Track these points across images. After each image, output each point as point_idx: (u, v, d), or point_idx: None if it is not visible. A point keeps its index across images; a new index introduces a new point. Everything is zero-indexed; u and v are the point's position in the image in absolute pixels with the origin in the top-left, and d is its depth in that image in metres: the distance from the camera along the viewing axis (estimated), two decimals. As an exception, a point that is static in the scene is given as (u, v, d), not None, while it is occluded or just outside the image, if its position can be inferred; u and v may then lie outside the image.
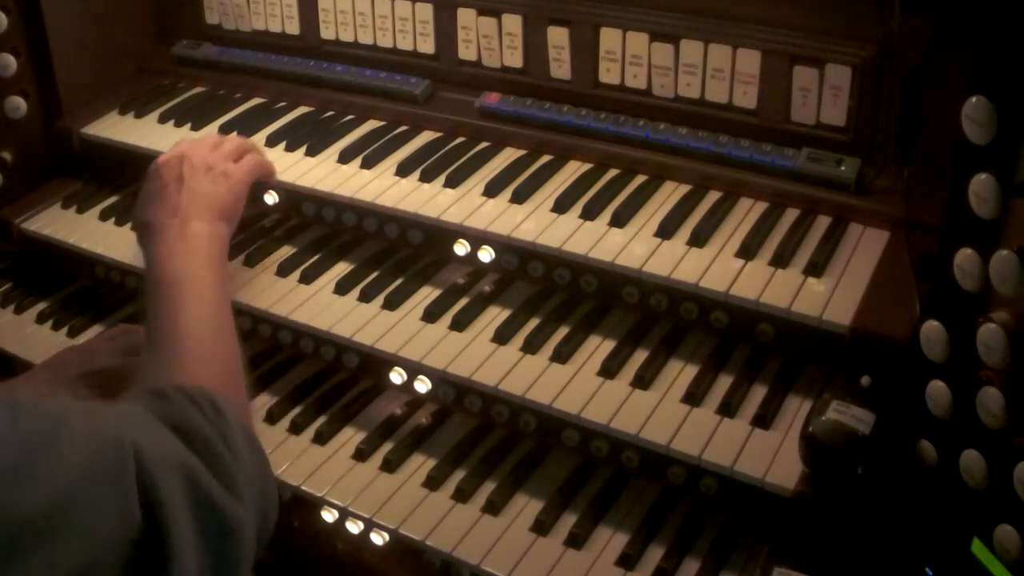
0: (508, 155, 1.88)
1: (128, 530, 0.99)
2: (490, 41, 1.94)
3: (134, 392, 1.24)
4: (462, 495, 1.60)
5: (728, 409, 1.47)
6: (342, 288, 1.78)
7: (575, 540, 1.51)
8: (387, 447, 1.71)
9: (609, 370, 1.55)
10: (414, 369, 1.64)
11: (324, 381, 1.86)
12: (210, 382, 1.28)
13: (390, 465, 1.66)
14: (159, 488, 1.02)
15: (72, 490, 0.95)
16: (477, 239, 1.71)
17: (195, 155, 1.71)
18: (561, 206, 1.70)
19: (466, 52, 1.98)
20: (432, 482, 1.63)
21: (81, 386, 1.54)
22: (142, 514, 1.00)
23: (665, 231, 1.62)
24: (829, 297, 1.47)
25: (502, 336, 1.64)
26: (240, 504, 1.14)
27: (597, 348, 1.61)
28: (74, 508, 0.94)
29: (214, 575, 1.09)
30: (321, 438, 1.72)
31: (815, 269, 1.52)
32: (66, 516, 0.93)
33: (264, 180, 1.85)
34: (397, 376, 1.68)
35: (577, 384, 1.54)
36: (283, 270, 1.83)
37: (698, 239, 1.60)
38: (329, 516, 1.66)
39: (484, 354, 1.61)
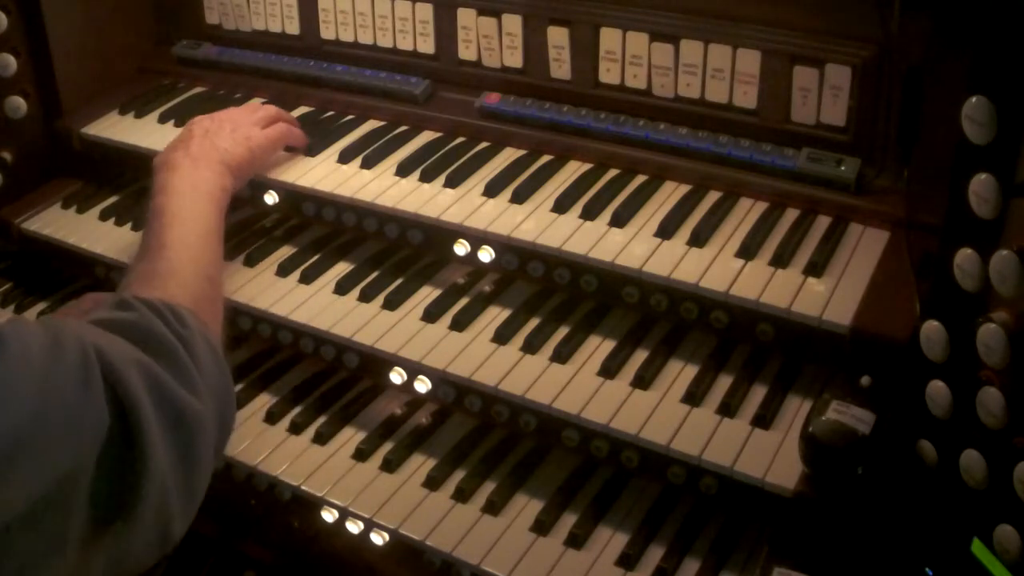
0: (508, 155, 1.87)
1: (101, 428, 1.03)
2: (490, 41, 1.94)
3: (104, 302, 1.29)
4: (462, 495, 1.60)
5: (728, 409, 1.47)
6: (342, 288, 1.78)
7: (575, 540, 1.51)
8: (387, 447, 1.71)
9: (609, 370, 1.55)
10: (414, 369, 1.64)
11: (324, 381, 1.86)
12: (179, 298, 1.34)
13: (390, 465, 1.66)
14: (125, 383, 1.07)
15: (49, 399, 0.99)
16: (477, 239, 1.71)
17: (228, 115, 1.87)
18: (561, 206, 1.70)
19: (466, 52, 1.98)
20: (432, 482, 1.63)
21: None
22: (112, 411, 1.05)
23: (665, 231, 1.62)
24: (829, 297, 1.47)
25: (502, 336, 1.64)
26: (200, 404, 1.17)
27: (597, 348, 1.61)
28: (53, 416, 0.99)
29: (184, 469, 1.13)
30: (321, 438, 1.73)
31: (815, 269, 1.52)
32: (47, 425, 0.98)
33: (293, 146, 1.93)
34: (397, 376, 1.68)
35: (577, 384, 1.54)
36: (283, 270, 1.83)
37: (698, 239, 1.60)
38: (329, 516, 1.66)
39: (484, 354, 1.61)
